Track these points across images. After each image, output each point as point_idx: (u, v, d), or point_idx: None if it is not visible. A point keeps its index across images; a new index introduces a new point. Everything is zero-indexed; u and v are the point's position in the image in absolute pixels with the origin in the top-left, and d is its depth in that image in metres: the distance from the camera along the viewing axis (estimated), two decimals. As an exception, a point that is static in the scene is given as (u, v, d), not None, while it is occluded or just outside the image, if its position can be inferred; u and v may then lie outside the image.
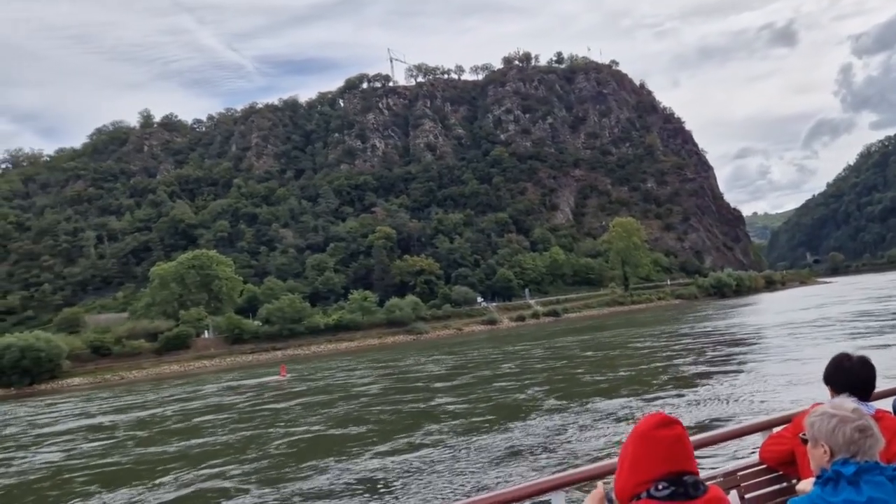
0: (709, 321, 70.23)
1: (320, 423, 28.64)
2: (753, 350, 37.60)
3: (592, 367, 36.76)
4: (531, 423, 21.64)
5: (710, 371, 30.08)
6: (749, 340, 43.07)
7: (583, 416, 21.45)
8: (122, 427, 35.58)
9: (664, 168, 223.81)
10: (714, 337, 48.82)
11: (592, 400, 24.41)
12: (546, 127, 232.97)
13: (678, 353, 39.53)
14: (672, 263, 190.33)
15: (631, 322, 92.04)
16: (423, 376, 44.89)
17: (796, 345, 36.91)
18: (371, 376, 51.46)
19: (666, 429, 2.76)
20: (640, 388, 27.37)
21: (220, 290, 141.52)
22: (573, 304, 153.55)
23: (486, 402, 28.33)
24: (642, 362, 36.03)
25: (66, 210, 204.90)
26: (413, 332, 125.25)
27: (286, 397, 43.03)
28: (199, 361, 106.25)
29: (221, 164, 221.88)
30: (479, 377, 38.96)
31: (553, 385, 31.14)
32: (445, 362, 56.14)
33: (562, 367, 39.48)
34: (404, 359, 69.53)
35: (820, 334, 41.03)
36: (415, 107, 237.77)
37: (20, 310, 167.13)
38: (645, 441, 2.77)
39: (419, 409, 28.17)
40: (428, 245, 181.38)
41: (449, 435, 21.92)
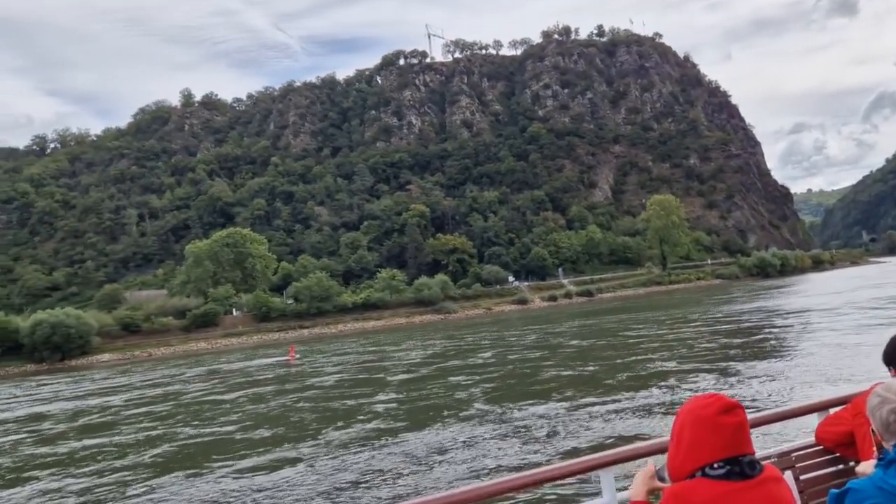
0: (749, 302, 66.84)
1: (250, 416, 27.63)
2: (798, 332, 35.50)
3: (624, 348, 35.08)
4: (562, 404, 20.52)
5: (752, 352, 28.30)
6: (793, 322, 40.63)
7: (621, 398, 20.29)
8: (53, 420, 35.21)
9: (708, 144, 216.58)
10: (755, 318, 46.38)
11: (631, 381, 23.13)
12: (585, 102, 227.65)
13: (716, 334, 37.51)
14: (714, 242, 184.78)
15: (667, 303, 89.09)
16: (428, 357, 43.77)
17: (844, 326, 34.83)
18: (373, 356, 50.50)
19: (729, 415, 2.72)
20: (678, 368, 25.88)
21: (253, 267, 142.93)
22: (608, 283, 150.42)
23: (502, 383, 27.14)
24: (678, 344, 34.28)
25: (110, 188, 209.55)
26: (441, 311, 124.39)
27: (271, 381, 42.29)
28: (226, 339, 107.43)
29: (259, 143, 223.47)
30: (478, 361, 37.65)
31: (578, 367, 29.70)
32: (452, 344, 54.80)
33: (589, 349, 37.93)
34: (411, 340, 68.53)
35: (867, 316, 38.61)
36: (451, 83, 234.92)
37: (65, 286, 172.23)
38: (707, 426, 2.71)
39: (439, 396, 26.84)
40: (462, 223, 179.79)
41: (480, 416, 21.02)
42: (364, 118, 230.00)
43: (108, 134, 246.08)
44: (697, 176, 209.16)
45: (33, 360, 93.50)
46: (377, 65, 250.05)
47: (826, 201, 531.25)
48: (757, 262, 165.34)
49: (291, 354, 63.31)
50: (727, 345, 31.78)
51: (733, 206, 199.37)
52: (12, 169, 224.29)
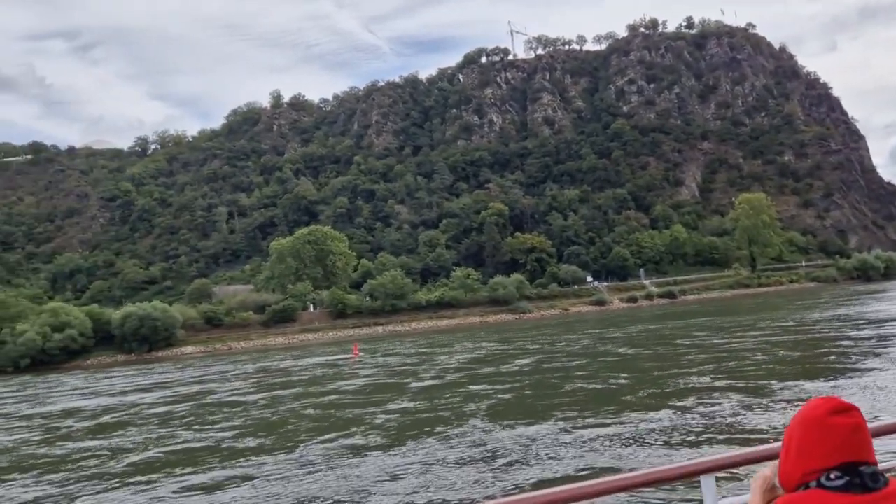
0: (835, 308, 62.38)
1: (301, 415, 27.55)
2: (865, 344, 32.88)
3: (669, 359, 33.43)
4: (551, 426, 19.58)
5: (802, 370, 26.34)
6: (869, 334, 37.60)
7: (624, 422, 19.17)
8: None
9: (804, 139, 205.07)
10: (832, 327, 43.22)
11: (649, 401, 21.86)
12: (672, 97, 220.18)
13: (778, 345, 35.10)
14: (809, 243, 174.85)
15: (748, 307, 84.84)
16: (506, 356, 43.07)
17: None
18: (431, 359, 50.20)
19: (842, 416, 2.46)
20: (706, 386, 24.38)
21: (333, 264, 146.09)
22: (692, 285, 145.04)
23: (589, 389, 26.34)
24: (728, 356, 32.46)
25: (203, 187, 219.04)
26: (516, 311, 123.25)
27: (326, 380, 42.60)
28: (302, 334, 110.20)
29: (343, 142, 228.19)
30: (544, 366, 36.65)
31: (606, 380, 28.44)
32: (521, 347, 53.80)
33: (632, 359, 36.45)
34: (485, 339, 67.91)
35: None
36: (533, 80, 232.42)
37: (160, 280, 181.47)
38: (817, 428, 2.47)
39: (442, 409, 26.29)
40: (541, 222, 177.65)
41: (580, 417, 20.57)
42: (445, 117, 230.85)
43: (202, 135, 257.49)
44: (792, 173, 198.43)
45: (123, 350, 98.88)
46: (459, 63, 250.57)
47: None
48: (857, 265, 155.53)
49: (355, 352, 64.20)
50: (780, 359, 29.31)
51: (832, 205, 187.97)
52: (116, 169, 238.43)
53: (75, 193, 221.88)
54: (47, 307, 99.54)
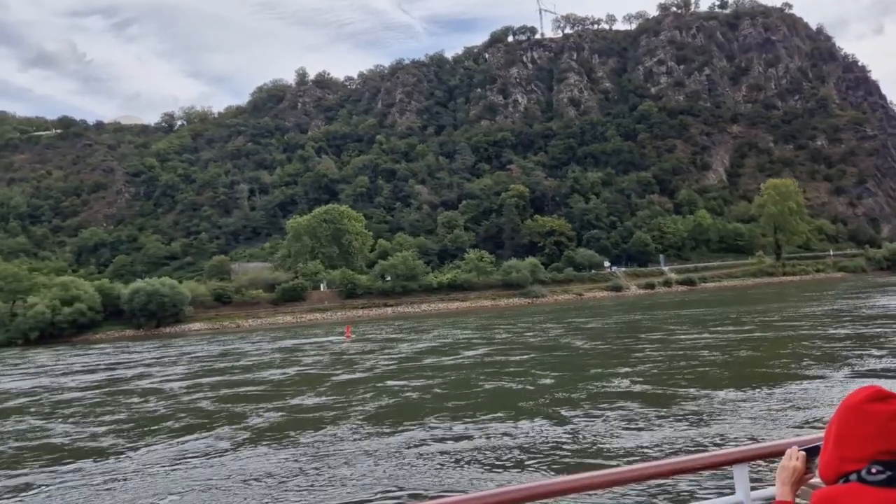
0: (856, 300, 59.46)
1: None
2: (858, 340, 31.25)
3: (625, 356, 31.63)
4: (415, 434, 17.99)
5: (812, 364, 24.66)
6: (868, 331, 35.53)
7: (487, 432, 17.46)
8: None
9: (839, 123, 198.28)
10: (833, 321, 41.00)
11: (551, 407, 20.28)
12: (702, 79, 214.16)
13: (784, 340, 33.11)
14: (839, 232, 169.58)
15: (765, 296, 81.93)
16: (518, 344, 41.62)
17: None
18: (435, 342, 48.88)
19: (881, 403, 2.40)
20: (703, 381, 22.98)
21: (350, 244, 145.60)
22: (713, 272, 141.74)
23: None
24: (703, 352, 30.78)
25: (227, 164, 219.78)
26: (529, 295, 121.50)
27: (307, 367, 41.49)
28: (311, 314, 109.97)
29: (367, 121, 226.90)
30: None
31: (531, 379, 26.76)
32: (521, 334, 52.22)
33: (584, 354, 34.70)
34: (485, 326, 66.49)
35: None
36: (560, 60, 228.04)
37: (181, 255, 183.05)
38: (855, 415, 2.43)
39: (337, 405, 24.96)
40: (562, 205, 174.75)
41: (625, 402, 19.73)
42: (470, 96, 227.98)
43: (228, 111, 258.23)
44: (825, 159, 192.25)
45: (132, 325, 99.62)
46: (485, 42, 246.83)
47: None
48: (888, 255, 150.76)
49: (348, 334, 63.35)
50: (725, 362, 27.02)
51: (865, 193, 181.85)
52: (142, 144, 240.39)
53: (102, 168, 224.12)
54: (58, 281, 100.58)
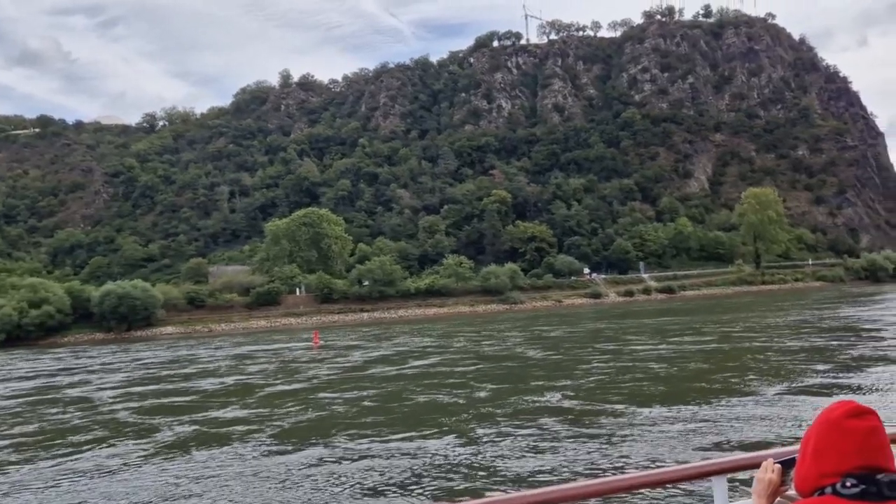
0: (824, 310, 58.99)
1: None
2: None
3: (568, 368, 30.72)
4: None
5: (752, 381, 23.98)
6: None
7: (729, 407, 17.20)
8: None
9: (820, 133, 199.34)
10: (809, 334, 40.33)
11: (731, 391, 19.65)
12: (686, 87, 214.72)
13: (737, 353, 32.40)
14: (819, 241, 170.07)
15: (738, 305, 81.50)
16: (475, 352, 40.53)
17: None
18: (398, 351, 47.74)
19: (858, 419, 2.41)
20: (638, 398, 22.30)
21: (329, 248, 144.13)
22: (693, 281, 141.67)
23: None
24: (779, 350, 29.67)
25: (207, 165, 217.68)
26: (507, 301, 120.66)
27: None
28: (286, 318, 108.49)
29: (350, 124, 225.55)
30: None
31: (466, 391, 25.76)
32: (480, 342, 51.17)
33: (531, 366, 33.70)
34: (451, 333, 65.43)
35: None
36: (545, 66, 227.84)
37: (159, 257, 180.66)
38: (833, 430, 2.43)
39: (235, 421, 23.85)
40: (544, 211, 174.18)
41: None
42: (454, 101, 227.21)
43: (210, 113, 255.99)
44: (806, 168, 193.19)
45: (102, 328, 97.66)
46: (470, 46, 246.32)
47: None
48: (866, 265, 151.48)
49: (315, 340, 62.03)
50: (671, 376, 26.20)
51: (845, 203, 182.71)
52: (122, 145, 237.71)
53: (80, 168, 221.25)
54: (26, 282, 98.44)
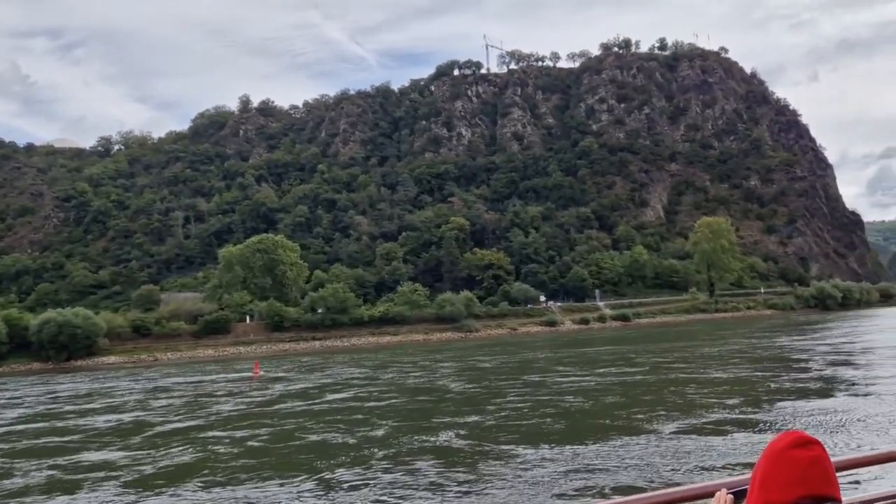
0: (760, 339, 59.42)
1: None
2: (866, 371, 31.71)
3: (481, 402, 29.98)
4: None
5: (657, 416, 23.50)
6: (859, 361, 35.04)
7: None
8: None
9: (771, 164, 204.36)
10: (826, 352, 40.35)
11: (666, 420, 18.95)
12: (642, 118, 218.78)
13: (657, 386, 32.02)
14: (770, 270, 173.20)
15: (687, 334, 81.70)
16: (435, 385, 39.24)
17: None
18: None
19: (802, 449, 2.50)
20: (740, 405, 22.73)
21: (283, 275, 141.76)
22: (648, 308, 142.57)
23: None
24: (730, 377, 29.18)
25: (163, 190, 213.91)
26: (462, 329, 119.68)
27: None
28: (235, 347, 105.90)
29: (309, 150, 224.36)
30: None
31: (350, 431, 24.82)
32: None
33: (441, 402, 32.87)
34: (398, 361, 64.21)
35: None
36: (504, 95, 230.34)
37: (109, 284, 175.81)
38: (778, 460, 2.51)
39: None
40: (502, 238, 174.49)
41: None
42: (414, 128, 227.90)
43: (168, 137, 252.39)
44: (758, 198, 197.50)
45: (41, 358, 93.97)
46: (431, 75, 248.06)
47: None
48: (815, 293, 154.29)
49: (256, 371, 60.30)
50: (578, 410, 25.75)
51: (795, 232, 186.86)
52: (75, 168, 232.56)
53: (30, 192, 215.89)
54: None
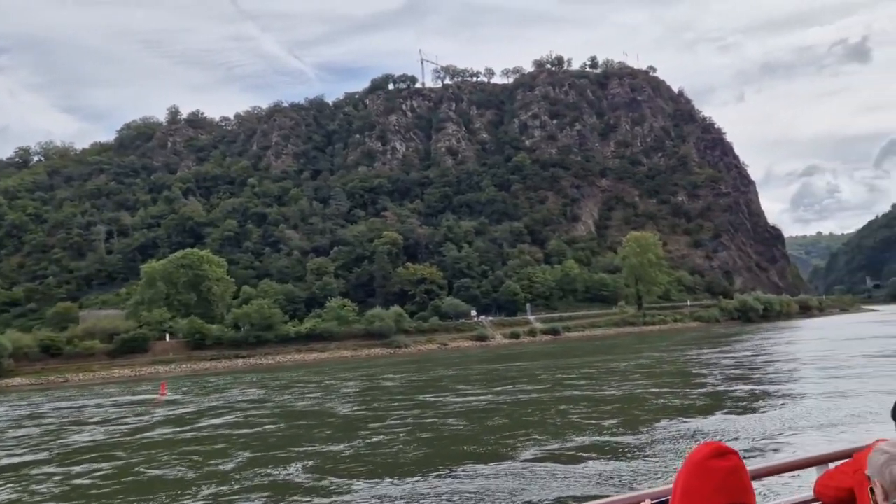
0: (673, 352, 59.91)
1: None
2: (784, 382, 33.01)
3: (366, 421, 28.68)
4: None
5: (728, 402, 24.25)
6: (753, 376, 34.93)
7: None
8: None
9: (697, 181, 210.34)
10: (728, 365, 40.17)
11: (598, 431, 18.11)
12: (574, 134, 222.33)
13: (545, 405, 31.28)
14: (696, 283, 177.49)
15: (602, 349, 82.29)
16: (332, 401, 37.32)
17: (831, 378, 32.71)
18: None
19: (721, 459, 2.67)
20: (660, 416, 23.02)
21: (209, 291, 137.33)
22: (578, 322, 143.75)
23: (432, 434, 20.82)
24: (653, 388, 28.46)
25: (85, 203, 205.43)
26: (392, 345, 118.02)
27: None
28: (153, 366, 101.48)
29: (240, 163, 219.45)
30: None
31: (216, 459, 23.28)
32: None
33: (308, 428, 31.51)
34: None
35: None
36: (439, 109, 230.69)
37: (24, 302, 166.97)
38: (698, 470, 2.68)
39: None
40: (435, 253, 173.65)
41: None
42: (348, 142, 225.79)
43: (92, 148, 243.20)
44: (685, 213, 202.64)
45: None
46: (366, 88, 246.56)
47: (836, 245, 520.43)
48: (739, 306, 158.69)
49: (162, 392, 57.44)
50: (448, 435, 24.90)
51: (720, 246, 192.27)
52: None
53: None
54: None
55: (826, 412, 24.07)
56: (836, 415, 23.18)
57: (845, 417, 22.59)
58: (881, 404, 23.28)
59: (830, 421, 22.07)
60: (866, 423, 21.22)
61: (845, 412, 23.52)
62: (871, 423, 21.18)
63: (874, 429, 19.03)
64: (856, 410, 23.68)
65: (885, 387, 30.01)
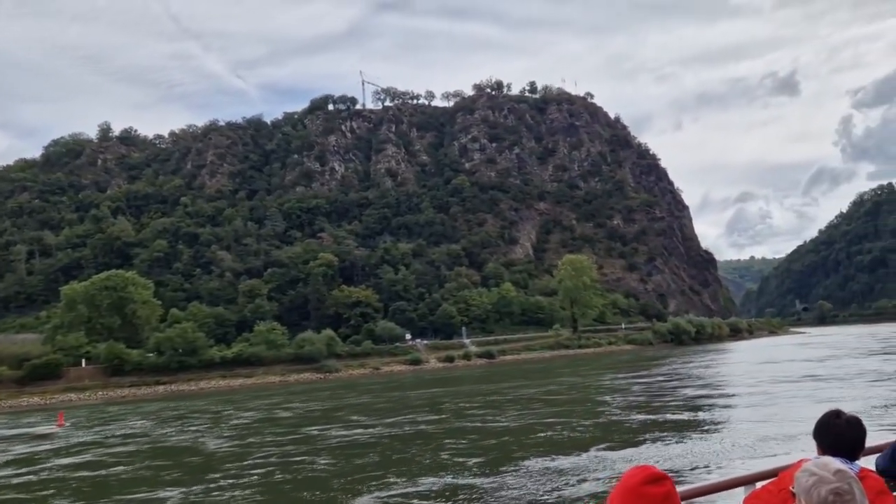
0: (590, 378, 59.46)
1: None
2: (713, 404, 33.34)
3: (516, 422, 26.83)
4: None
5: (663, 423, 24.19)
6: (655, 403, 34.09)
7: None
8: None
9: (633, 205, 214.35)
10: (636, 391, 39.31)
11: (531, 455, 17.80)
12: (513, 157, 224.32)
13: (618, 404, 30.24)
14: (631, 306, 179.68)
15: (531, 373, 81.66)
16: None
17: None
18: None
19: (655, 485, 2.69)
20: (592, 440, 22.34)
21: (133, 314, 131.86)
22: (513, 345, 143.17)
23: None
24: (588, 413, 27.21)
25: (5, 222, 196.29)
26: (322, 370, 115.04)
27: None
28: (66, 394, 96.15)
29: (173, 181, 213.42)
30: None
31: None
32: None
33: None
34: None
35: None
36: (379, 131, 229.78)
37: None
38: (631, 496, 2.69)
39: None
40: (372, 275, 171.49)
41: None
42: (286, 162, 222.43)
43: (15, 165, 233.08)
44: (620, 237, 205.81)
45: None
46: (305, 108, 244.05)
47: (768, 269, 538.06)
48: (672, 329, 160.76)
49: (60, 423, 53.82)
50: (644, 413, 23.57)
51: (654, 270, 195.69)
52: None
53: None
54: None
55: (718, 441, 23.47)
56: (721, 446, 22.58)
57: (731, 446, 21.97)
58: (794, 426, 22.97)
59: (714, 450, 21.38)
60: (780, 443, 21.52)
61: (739, 439, 23.00)
62: (785, 443, 20.66)
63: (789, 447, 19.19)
64: (742, 438, 23.12)
65: (793, 410, 29.97)
